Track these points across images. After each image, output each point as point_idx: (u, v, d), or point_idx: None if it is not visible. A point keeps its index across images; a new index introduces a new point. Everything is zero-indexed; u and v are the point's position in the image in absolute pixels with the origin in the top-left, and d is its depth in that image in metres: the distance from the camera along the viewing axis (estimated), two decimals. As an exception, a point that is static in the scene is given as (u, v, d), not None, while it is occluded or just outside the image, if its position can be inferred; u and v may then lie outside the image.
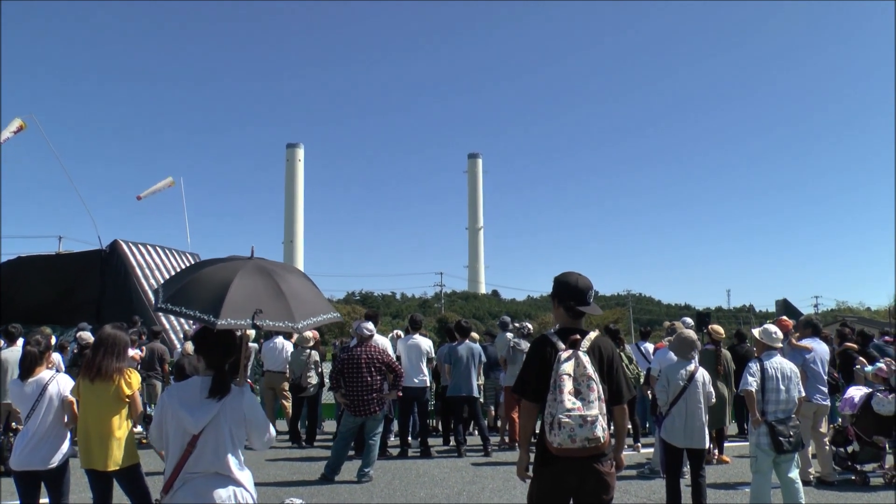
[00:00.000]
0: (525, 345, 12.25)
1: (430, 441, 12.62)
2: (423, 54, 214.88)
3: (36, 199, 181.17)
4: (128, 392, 5.95)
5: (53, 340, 10.35)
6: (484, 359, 12.82)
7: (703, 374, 7.84)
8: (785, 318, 11.37)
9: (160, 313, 5.38)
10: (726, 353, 11.43)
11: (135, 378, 6.09)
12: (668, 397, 7.79)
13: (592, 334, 4.77)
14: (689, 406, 7.65)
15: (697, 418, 7.66)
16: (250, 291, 3.99)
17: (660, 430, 8.15)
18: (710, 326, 11.70)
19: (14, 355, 10.09)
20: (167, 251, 22.80)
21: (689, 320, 13.17)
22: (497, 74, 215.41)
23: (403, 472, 10.69)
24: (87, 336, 12.15)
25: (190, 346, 10.32)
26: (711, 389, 7.92)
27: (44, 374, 6.27)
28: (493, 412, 14.48)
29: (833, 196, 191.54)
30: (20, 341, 10.75)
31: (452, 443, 12.63)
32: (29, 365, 6.28)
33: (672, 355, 10.50)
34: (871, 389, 10.02)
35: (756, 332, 8.27)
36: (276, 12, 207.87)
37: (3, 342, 11.36)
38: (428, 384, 12.50)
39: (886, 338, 13.96)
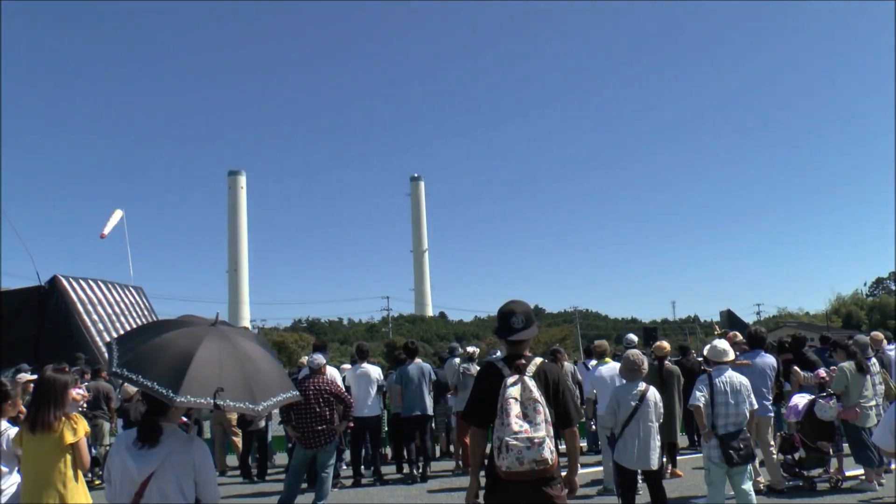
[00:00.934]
0: (475, 369, 12.29)
1: (383, 469, 12.54)
2: (362, 76, 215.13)
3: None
4: (71, 440, 5.67)
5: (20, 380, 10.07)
6: (433, 377, 12.78)
7: (654, 394, 7.87)
8: (735, 332, 11.63)
9: (113, 377, 5.09)
10: (674, 367, 11.57)
11: (80, 424, 5.82)
12: (617, 419, 7.81)
13: (538, 360, 4.86)
14: (642, 427, 7.65)
15: (651, 438, 7.68)
16: (213, 367, 3.80)
17: (613, 453, 8.16)
18: (656, 343, 11.85)
19: None
20: (109, 285, 22.36)
21: (633, 337, 13.31)
22: (436, 95, 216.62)
23: (357, 502, 10.60)
24: (26, 378, 11.84)
25: (131, 387, 10.12)
26: (662, 409, 8.00)
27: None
28: (444, 437, 14.45)
29: (772, 204, 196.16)
30: None
31: (405, 470, 12.57)
32: None
33: (602, 373, 10.68)
34: (813, 396, 10.25)
35: (706, 350, 8.44)
36: (213, 35, 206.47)
37: None
38: (379, 412, 12.45)
39: (825, 345, 14.27)
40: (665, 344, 11.66)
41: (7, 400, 6.30)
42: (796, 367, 11.21)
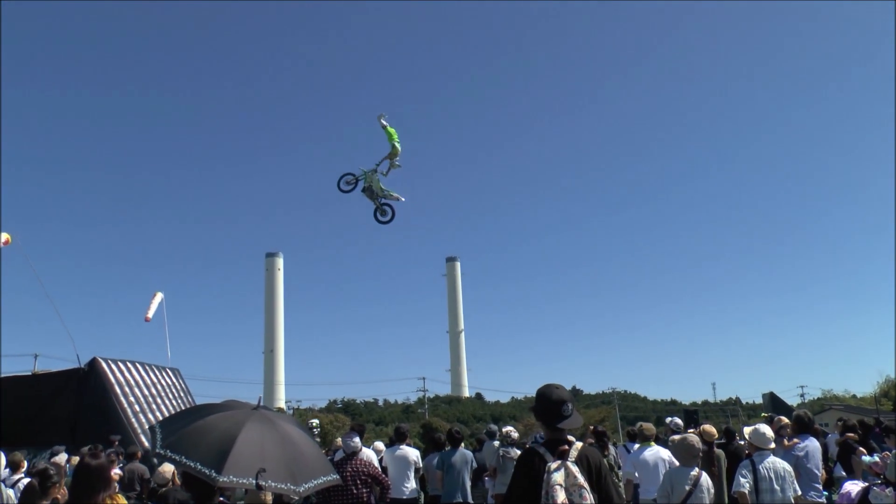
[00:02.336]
0: (515, 452, 12.11)
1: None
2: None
3: (11, 316, 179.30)
4: None
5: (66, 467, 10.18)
6: (475, 465, 12.65)
7: (706, 479, 7.68)
8: (783, 417, 11.38)
9: (157, 458, 5.17)
10: (720, 452, 11.29)
11: (120, 502, 5.90)
12: (671, 502, 7.61)
13: (579, 444, 4.79)
14: None
15: None
16: (255, 448, 3.84)
17: None
18: (701, 427, 11.59)
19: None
20: (147, 367, 22.57)
21: (678, 421, 13.06)
22: (472, 175, 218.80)
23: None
24: (62, 460, 11.87)
25: (168, 468, 10.11)
26: (713, 495, 7.78)
27: None
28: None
29: (815, 284, 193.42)
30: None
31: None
32: (27, 500, 6.18)
33: (646, 457, 10.44)
34: (867, 484, 9.90)
35: (747, 432, 8.22)
36: (251, 122, 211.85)
37: (8, 469, 11.16)
38: (417, 495, 12.29)
39: (878, 429, 13.89)
40: (712, 429, 11.43)
41: (53, 485, 6.40)
42: (862, 449, 10.88)
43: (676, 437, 12.67)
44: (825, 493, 9.98)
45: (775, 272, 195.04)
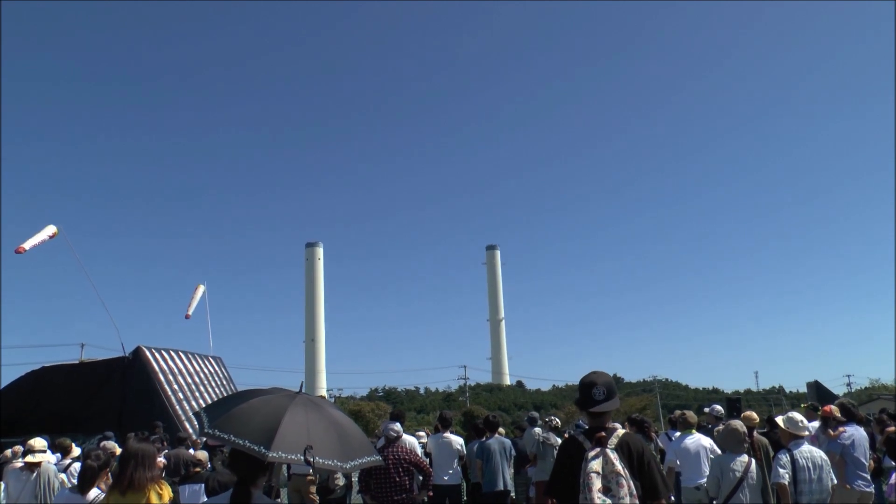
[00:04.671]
0: (555, 439, 12.13)
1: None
2: (438, 145, 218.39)
3: (58, 306, 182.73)
4: (158, 503, 5.89)
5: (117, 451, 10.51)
6: (514, 453, 12.69)
7: (756, 467, 7.62)
8: (831, 406, 11.23)
9: (205, 437, 5.39)
10: (763, 439, 11.18)
11: (166, 490, 6.05)
12: (721, 489, 7.56)
13: (620, 431, 4.75)
14: (748, 500, 7.41)
15: None
16: (301, 426, 3.97)
17: None
18: (743, 414, 11.49)
19: (52, 468, 10.11)
20: (190, 356, 22.90)
21: (720, 408, 12.95)
22: (512, 164, 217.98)
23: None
24: (112, 446, 12.10)
25: (203, 454, 10.32)
26: (761, 482, 7.72)
27: (93, 493, 6.34)
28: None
29: (862, 270, 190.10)
30: (76, 451, 11.13)
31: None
32: (89, 479, 6.37)
33: (687, 444, 10.37)
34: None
35: (780, 420, 8.14)
36: (291, 115, 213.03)
37: (58, 454, 11.65)
38: (460, 481, 12.35)
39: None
40: (754, 414, 11.29)
41: (106, 468, 6.63)
42: None
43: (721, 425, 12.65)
44: (873, 483, 9.82)
45: (821, 259, 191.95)
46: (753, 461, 7.66)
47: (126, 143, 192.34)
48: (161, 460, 12.72)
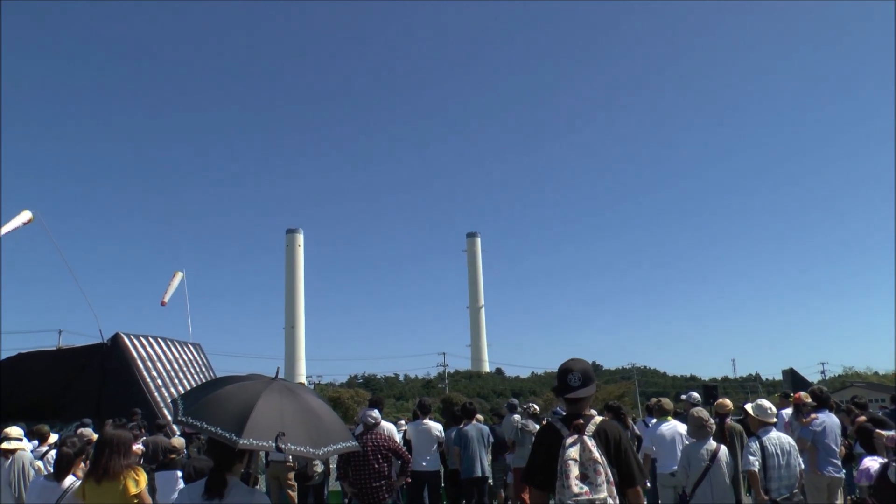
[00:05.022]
0: (533, 426, 12.20)
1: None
2: (419, 132, 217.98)
3: (35, 292, 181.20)
4: (135, 491, 5.87)
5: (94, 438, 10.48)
6: (492, 439, 12.75)
7: (725, 452, 7.70)
8: (802, 393, 11.33)
9: (179, 424, 5.39)
10: (735, 425, 11.28)
11: (142, 476, 6.03)
12: (689, 478, 7.63)
13: (598, 418, 4.78)
14: (715, 487, 7.47)
15: (724, 498, 7.50)
16: (274, 413, 3.99)
17: None
18: (717, 401, 11.59)
19: (28, 455, 10.06)
20: (169, 342, 22.77)
21: (696, 395, 13.05)
22: (493, 152, 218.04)
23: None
24: (89, 433, 12.06)
25: (179, 441, 10.31)
26: (732, 468, 7.79)
27: (68, 480, 6.33)
28: (502, 495, 14.30)
29: (837, 257, 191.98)
30: (53, 438, 11.14)
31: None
32: (64, 466, 6.37)
33: (663, 431, 10.46)
34: (885, 460, 9.89)
35: (749, 407, 8.22)
36: (272, 100, 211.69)
37: (35, 441, 11.60)
38: (438, 467, 12.40)
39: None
40: (727, 401, 11.36)
41: (81, 455, 6.62)
42: (878, 430, 10.85)
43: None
44: (844, 469, 9.95)
45: (796, 247, 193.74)
46: (723, 447, 7.73)
47: (105, 127, 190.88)
48: (139, 447, 12.70)
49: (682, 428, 10.48)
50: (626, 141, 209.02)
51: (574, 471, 4.43)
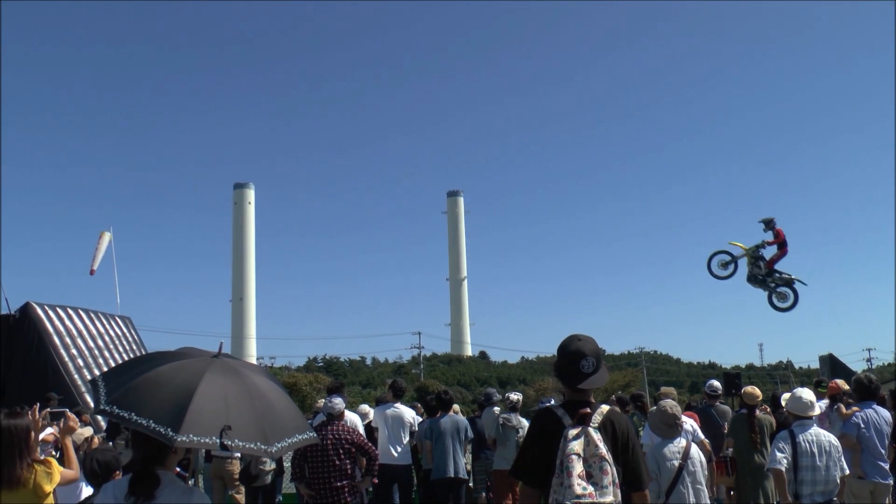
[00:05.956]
0: (516, 420, 12.17)
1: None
2: (391, 73, 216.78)
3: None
4: (49, 488, 5.74)
5: None
6: (471, 434, 12.64)
7: (697, 450, 7.49)
8: (839, 381, 11.31)
9: (99, 415, 5.24)
10: (766, 417, 11.28)
11: (55, 468, 5.86)
12: (660, 487, 7.49)
13: (605, 408, 4.73)
14: (691, 491, 7.34)
15: (702, 501, 7.45)
16: (218, 403, 3.85)
17: None
18: (743, 389, 11.60)
19: None
20: (92, 315, 22.64)
21: (716, 384, 13.07)
22: (480, 100, 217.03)
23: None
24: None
25: (89, 431, 10.21)
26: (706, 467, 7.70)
27: None
28: (484, 498, 14.31)
29: (885, 227, 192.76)
30: None
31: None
32: None
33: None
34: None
35: (784, 399, 8.19)
36: (219, 31, 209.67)
37: None
38: (410, 462, 12.42)
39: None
40: (756, 390, 11.35)
41: None
42: None
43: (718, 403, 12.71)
44: (892, 476, 9.92)
45: (836, 217, 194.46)
46: (694, 445, 7.57)
47: (21, 56, 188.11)
48: (50, 431, 12.54)
49: (687, 424, 10.41)
50: (638, 84, 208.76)
51: (577, 467, 4.40)
